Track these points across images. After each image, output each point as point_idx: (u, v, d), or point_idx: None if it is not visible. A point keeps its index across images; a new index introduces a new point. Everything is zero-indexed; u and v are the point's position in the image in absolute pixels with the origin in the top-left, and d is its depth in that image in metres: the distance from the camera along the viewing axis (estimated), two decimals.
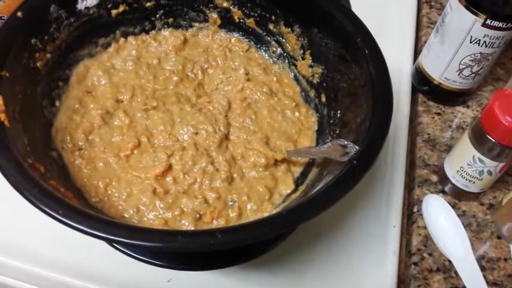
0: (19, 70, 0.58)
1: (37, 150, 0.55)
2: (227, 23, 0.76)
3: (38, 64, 0.61)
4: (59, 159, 0.60)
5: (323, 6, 0.66)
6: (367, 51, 0.60)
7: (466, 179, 0.67)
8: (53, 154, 0.60)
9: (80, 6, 0.66)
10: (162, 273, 0.60)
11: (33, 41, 0.61)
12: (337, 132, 0.64)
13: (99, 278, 0.60)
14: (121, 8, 0.71)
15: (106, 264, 0.61)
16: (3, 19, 0.73)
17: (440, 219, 0.67)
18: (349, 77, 0.63)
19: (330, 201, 0.48)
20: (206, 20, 0.76)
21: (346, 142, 0.55)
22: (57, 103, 0.65)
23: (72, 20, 0.66)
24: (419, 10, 0.98)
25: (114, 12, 0.70)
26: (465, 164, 0.65)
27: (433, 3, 0.97)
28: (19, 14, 0.59)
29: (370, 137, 0.54)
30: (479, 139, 0.62)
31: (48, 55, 0.63)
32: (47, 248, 0.62)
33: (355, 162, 0.52)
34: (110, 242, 0.44)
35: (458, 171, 0.67)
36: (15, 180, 0.46)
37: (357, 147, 0.53)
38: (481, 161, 0.63)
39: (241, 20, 0.75)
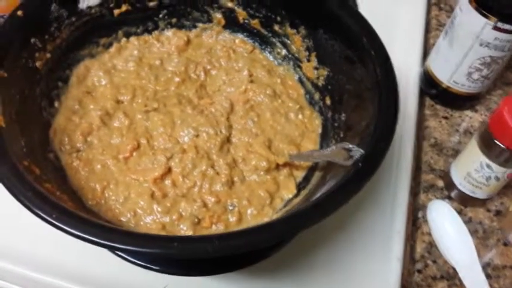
0: (18, 70, 0.57)
1: (34, 152, 0.55)
2: (231, 24, 0.75)
3: (37, 64, 0.61)
4: (56, 161, 0.60)
5: (329, 8, 0.65)
6: (373, 53, 0.59)
7: (473, 185, 0.65)
8: (50, 156, 0.60)
9: (82, 5, 0.66)
10: (158, 278, 0.58)
11: (32, 40, 0.60)
12: (342, 135, 0.62)
13: (94, 282, 0.59)
14: (123, 8, 0.70)
15: (101, 268, 0.60)
16: (3, 18, 0.73)
17: (446, 225, 0.66)
18: (354, 79, 0.62)
19: (334, 206, 0.47)
20: (210, 21, 0.75)
21: (350, 145, 0.54)
22: (56, 104, 0.64)
23: (73, 20, 0.65)
24: (428, 12, 0.96)
25: (116, 11, 0.69)
26: (472, 169, 0.64)
27: (442, 5, 0.96)
28: (19, 12, 0.59)
29: (376, 140, 0.52)
30: (487, 144, 0.61)
31: (48, 55, 0.62)
32: (40, 250, 0.60)
33: (360, 165, 0.50)
34: (104, 247, 0.43)
35: (465, 177, 0.65)
36: (8, 182, 0.45)
37: (362, 151, 0.52)
38: (488, 166, 0.62)
39: (245, 21, 0.74)
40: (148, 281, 0.59)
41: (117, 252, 0.58)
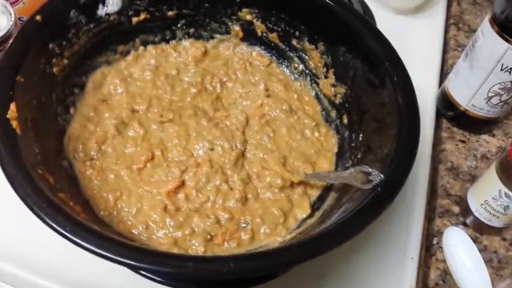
0: (35, 75, 0.56)
1: (48, 159, 0.54)
2: (249, 36, 0.74)
3: (55, 70, 0.60)
4: (69, 169, 0.59)
5: (352, 26, 0.64)
6: (395, 78, 0.58)
7: (490, 213, 0.64)
8: (64, 163, 0.59)
9: (101, 12, 0.65)
10: None
11: (51, 45, 0.59)
12: (359, 156, 0.61)
13: None
14: (142, 16, 0.69)
15: (106, 277, 0.58)
16: (22, 20, 0.72)
17: (461, 253, 0.64)
18: (373, 101, 0.61)
19: (354, 231, 0.47)
20: (228, 32, 0.74)
21: (370, 169, 0.52)
22: (71, 110, 0.63)
23: (91, 26, 0.64)
24: (446, 32, 0.95)
25: (134, 19, 0.69)
26: (490, 197, 0.63)
27: (460, 25, 0.95)
28: (38, 17, 0.58)
29: (396, 166, 0.52)
30: (507, 173, 0.60)
31: (65, 61, 0.62)
32: (53, 259, 0.59)
33: (379, 190, 0.49)
34: (118, 263, 0.42)
35: (482, 204, 0.64)
36: (24, 193, 0.44)
37: (382, 176, 0.51)
38: (507, 196, 0.61)
39: (264, 34, 0.73)
40: None
41: None
